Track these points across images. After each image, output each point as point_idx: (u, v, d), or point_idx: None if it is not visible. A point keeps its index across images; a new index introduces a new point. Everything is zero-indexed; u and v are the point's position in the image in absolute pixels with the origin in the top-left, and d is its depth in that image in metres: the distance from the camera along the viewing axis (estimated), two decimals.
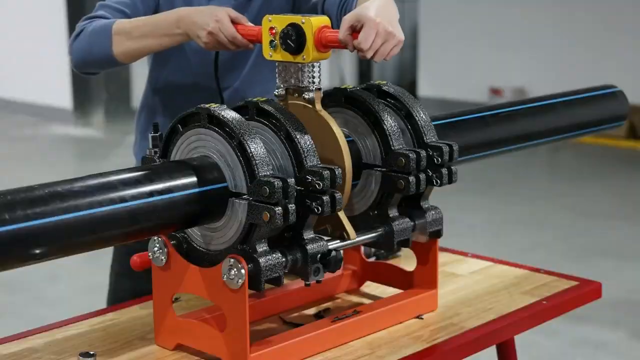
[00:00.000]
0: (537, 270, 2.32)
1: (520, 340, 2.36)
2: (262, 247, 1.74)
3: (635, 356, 4.12)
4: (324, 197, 1.72)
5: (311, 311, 2.07)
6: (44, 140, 8.97)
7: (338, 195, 1.74)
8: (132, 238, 1.73)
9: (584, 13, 8.94)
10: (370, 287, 2.19)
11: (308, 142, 1.79)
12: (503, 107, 2.34)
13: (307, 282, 1.79)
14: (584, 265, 5.17)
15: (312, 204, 1.73)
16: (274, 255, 1.74)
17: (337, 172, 1.74)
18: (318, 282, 1.79)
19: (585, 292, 2.21)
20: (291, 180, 1.70)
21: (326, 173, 1.72)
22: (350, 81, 10.82)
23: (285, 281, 1.78)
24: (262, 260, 1.72)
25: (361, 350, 1.87)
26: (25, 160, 8.11)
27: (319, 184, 1.72)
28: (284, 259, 1.75)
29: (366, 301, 2.10)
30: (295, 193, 1.70)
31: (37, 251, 1.55)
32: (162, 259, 1.82)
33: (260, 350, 1.76)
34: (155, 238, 1.82)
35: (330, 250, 1.78)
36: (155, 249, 1.83)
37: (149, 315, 1.99)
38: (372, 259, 2.27)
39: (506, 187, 7.05)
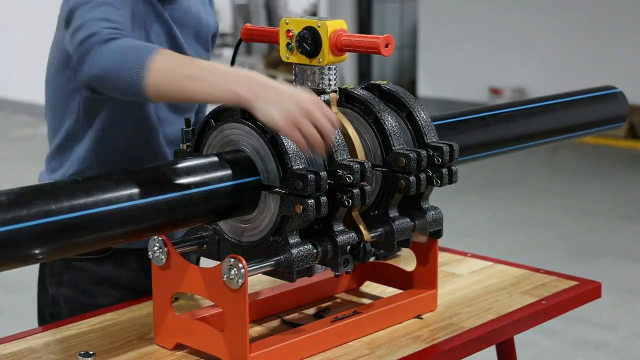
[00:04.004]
0: (537, 270, 2.32)
1: (520, 340, 2.36)
2: (294, 239, 1.78)
3: (635, 356, 4.12)
4: (354, 191, 1.76)
5: (311, 311, 2.07)
6: (44, 140, 8.93)
7: (368, 188, 1.79)
8: (168, 229, 1.76)
9: (584, 13, 8.94)
10: (370, 287, 2.19)
11: (338, 137, 1.81)
12: (503, 108, 2.34)
13: (337, 273, 1.83)
14: (584, 265, 5.17)
15: (343, 197, 1.77)
16: (305, 246, 1.78)
17: (366, 166, 1.77)
18: (347, 273, 1.84)
19: (585, 292, 2.21)
20: (323, 174, 1.73)
21: (356, 167, 1.76)
22: (350, 81, 10.82)
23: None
24: (294, 251, 1.76)
25: (361, 350, 1.87)
26: (25, 160, 8.11)
27: (349, 178, 1.76)
28: (315, 250, 1.79)
29: (366, 301, 2.10)
30: (327, 186, 1.74)
31: (80, 241, 1.61)
32: (162, 259, 1.82)
33: (260, 350, 1.76)
34: (155, 237, 1.82)
35: (359, 242, 1.82)
36: (155, 248, 1.83)
37: (148, 315, 1.99)
38: (372, 259, 2.27)
39: (506, 187, 7.05)
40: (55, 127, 2.12)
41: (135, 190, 1.65)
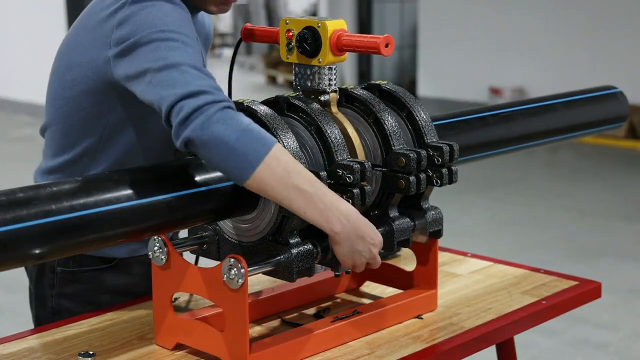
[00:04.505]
0: (537, 270, 2.32)
1: (520, 340, 2.36)
2: (294, 239, 1.79)
3: (635, 356, 4.12)
4: (354, 190, 1.76)
5: (311, 311, 2.07)
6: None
7: (368, 188, 1.79)
8: (168, 229, 1.76)
9: (584, 13, 8.94)
10: (370, 287, 2.19)
11: (338, 137, 1.82)
12: (503, 107, 2.34)
13: (337, 273, 1.84)
14: (584, 265, 5.17)
15: (343, 196, 1.76)
16: (305, 246, 1.78)
17: (367, 166, 1.77)
18: (347, 272, 1.84)
19: (585, 292, 2.21)
20: (323, 174, 1.74)
21: (356, 167, 1.76)
22: (350, 81, 10.82)
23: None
24: (294, 251, 1.76)
25: (361, 350, 1.87)
26: (25, 160, 8.11)
27: (349, 177, 1.76)
28: (315, 250, 1.80)
29: (366, 301, 2.10)
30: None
31: (80, 241, 1.61)
32: (162, 259, 1.82)
33: (260, 350, 1.76)
34: (156, 237, 1.82)
35: None
36: (155, 248, 1.83)
37: (148, 315, 1.99)
38: None
39: (506, 187, 7.05)
40: (67, 142, 2.00)
41: (135, 190, 1.65)
